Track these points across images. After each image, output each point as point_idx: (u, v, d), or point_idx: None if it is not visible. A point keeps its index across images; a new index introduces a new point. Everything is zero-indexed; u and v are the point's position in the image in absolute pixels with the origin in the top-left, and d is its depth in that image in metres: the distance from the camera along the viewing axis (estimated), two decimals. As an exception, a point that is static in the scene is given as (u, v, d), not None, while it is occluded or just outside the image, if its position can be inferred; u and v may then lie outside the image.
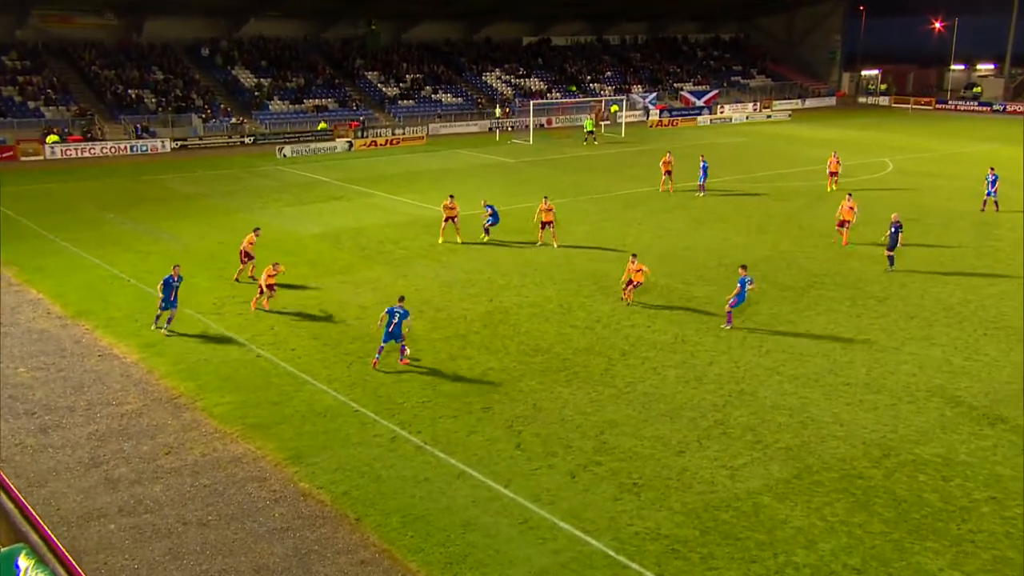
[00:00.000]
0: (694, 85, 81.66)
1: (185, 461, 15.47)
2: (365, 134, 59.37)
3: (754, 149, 55.67)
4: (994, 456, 15.50)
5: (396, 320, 19.11)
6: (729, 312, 21.89)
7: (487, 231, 30.46)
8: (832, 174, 40.81)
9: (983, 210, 35.30)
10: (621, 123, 63.75)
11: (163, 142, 54.54)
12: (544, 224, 29.52)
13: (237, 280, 25.81)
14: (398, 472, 15.07)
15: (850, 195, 31.22)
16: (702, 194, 38.22)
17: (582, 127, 61.16)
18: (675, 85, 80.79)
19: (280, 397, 18.01)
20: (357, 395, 18.08)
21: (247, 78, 64.48)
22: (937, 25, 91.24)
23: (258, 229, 27.00)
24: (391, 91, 68.45)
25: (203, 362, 19.73)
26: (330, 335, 21.50)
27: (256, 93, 62.84)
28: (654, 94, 74.50)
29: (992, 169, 36.13)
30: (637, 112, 72.37)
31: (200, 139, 56.28)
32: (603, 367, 19.51)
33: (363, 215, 35.52)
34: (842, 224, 30.11)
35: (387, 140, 58.32)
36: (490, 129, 64.87)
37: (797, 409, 17.39)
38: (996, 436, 16.23)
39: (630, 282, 23.93)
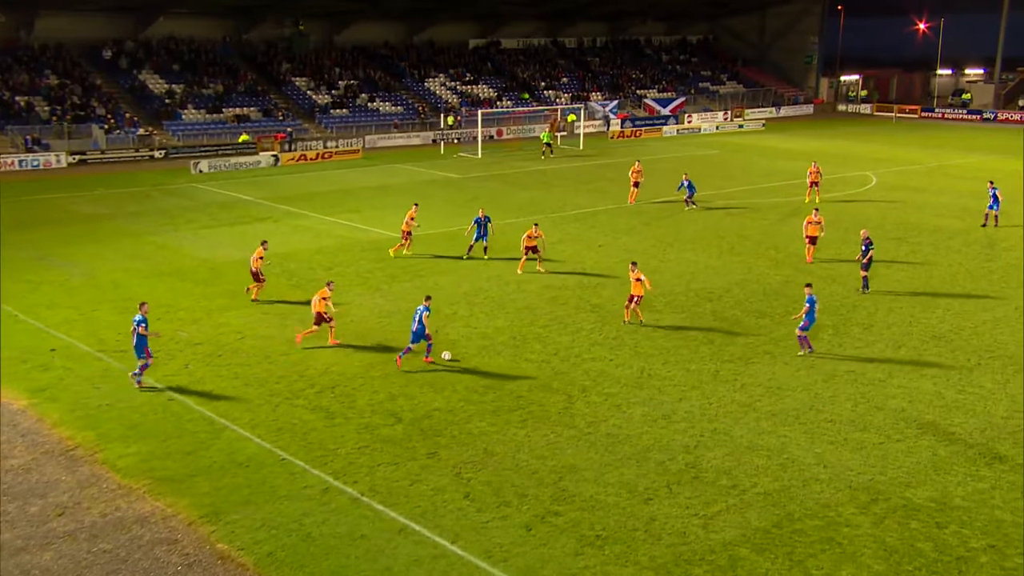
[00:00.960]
0: (659, 92, 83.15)
1: (82, 523, 15.07)
2: (293, 147, 59.15)
3: (725, 162, 56.76)
4: (992, 499, 15.88)
5: (417, 317, 21.20)
6: (803, 337, 22.36)
7: (482, 248, 31.57)
8: (813, 184, 42.04)
9: (984, 225, 36.51)
10: (579, 134, 64.57)
11: (58, 156, 53.69)
12: (528, 250, 29.57)
13: (255, 300, 26.67)
14: (331, 528, 14.90)
15: (816, 210, 31.99)
16: (692, 207, 39.82)
17: (538, 139, 61.77)
18: (638, 92, 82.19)
19: (195, 446, 17.72)
20: (284, 441, 17.86)
21: (157, 84, 63.88)
22: (922, 26, 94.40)
23: (265, 242, 27.51)
24: (322, 99, 68.39)
25: (104, 408, 19.34)
26: (253, 374, 21.25)
27: (167, 101, 62.30)
28: (615, 102, 75.68)
29: (992, 183, 37.47)
30: (596, 122, 73.38)
31: (102, 153, 55.58)
32: (561, 405, 19.59)
33: (291, 238, 35.28)
34: (812, 240, 30.95)
35: (318, 154, 58.18)
36: (434, 141, 65.17)
37: (776, 449, 17.65)
38: (994, 477, 16.64)
39: (631, 298, 24.31)
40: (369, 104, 69.36)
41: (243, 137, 59.75)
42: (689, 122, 77.43)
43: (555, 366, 21.86)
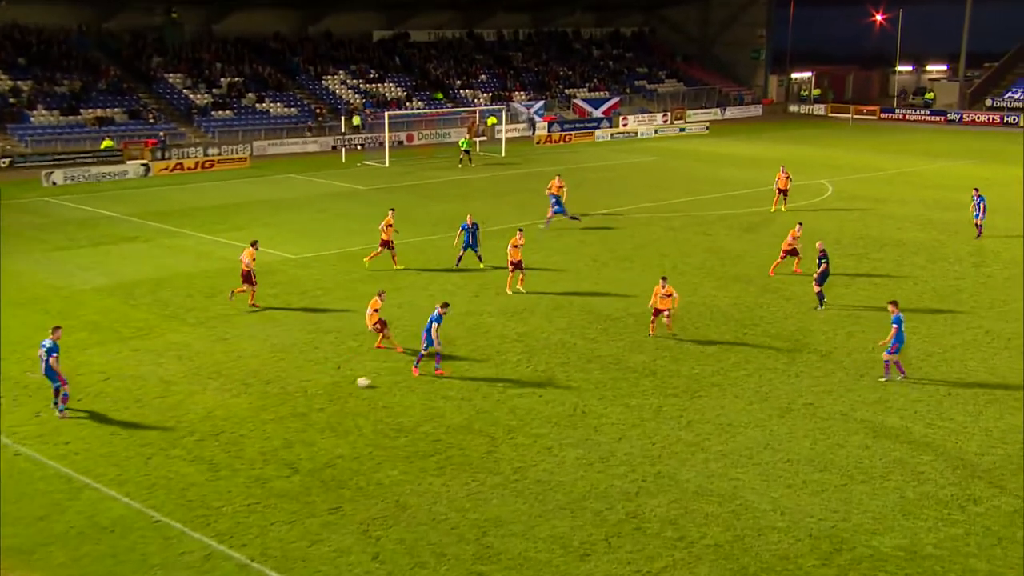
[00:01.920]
0: (590, 92, 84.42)
1: (-88, 604, 14.49)
2: (167, 155, 58.20)
3: (665, 170, 57.80)
4: (966, 547, 16.39)
5: (427, 326, 23.09)
6: (894, 363, 23.14)
7: (476, 257, 33.25)
8: (781, 191, 43.50)
9: (979, 237, 38.04)
10: (500, 139, 65.07)
11: None
12: (515, 265, 30.12)
13: (253, 305, 28.43)
14: (215, 602, 14.61)
15: (800, 224, 33.26)
16: (544, 228, 39.24)
17: (455, 145, 62.01)
18: (566, 92, 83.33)
19: (48, 509, 17.20)
20: (158, 499, 17.48)
21: None
22: (879, 18, 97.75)
23: (256, 242, 29.55)
24: (201, 99, 67.55)
25: (-61, 465, 18.64)
26: (120, 421, 20.76)
27: (12, 100, 60.78)
28: (541, 103, 76.56)
29: (977, 190, 38.99)
30: (520, 125, 74.08)
31: (-66, 162, 53.82)
32: (484, 449, 19.61)
33: (166, 261, 34.65)
34: (792, 252, 32.01)
35: (197, 163, 57.37)
36: (334, 148, 64.94)
37: (727, 495, 17.95)
38: (968, 522, 17.18)
39: (657, 311, 25.49)
40: (257, 105, 68.76)
41: (106, 143, 58.55)
42: (625, 125, 78.71)
43: (476, 404, 21.88)
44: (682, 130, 79.22)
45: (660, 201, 46.74)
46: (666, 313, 26.11)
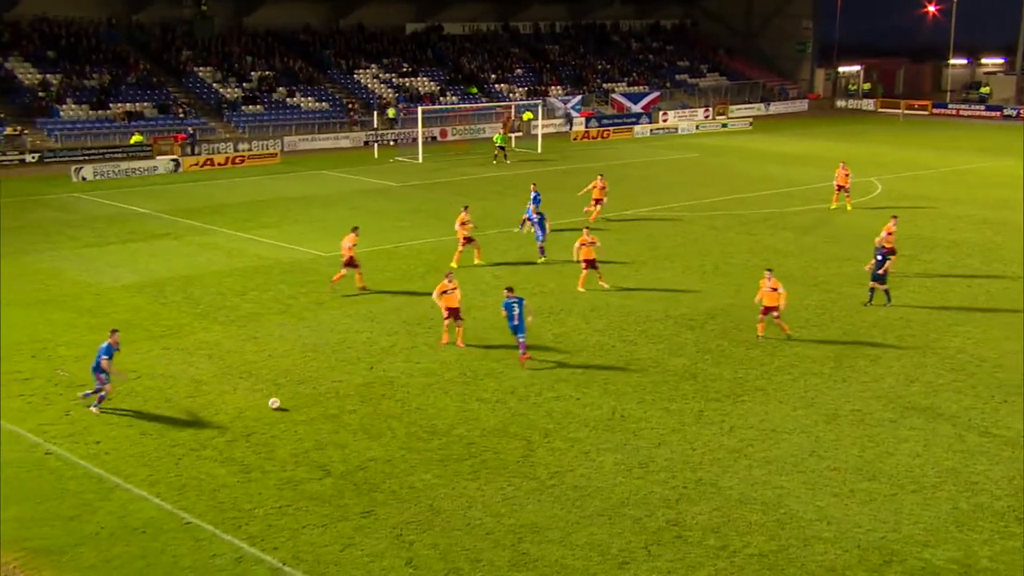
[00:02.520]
0: (629, 86, 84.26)
1: (-57, 603, 14.77)
2: (197, 150, 58.80)
3: (707, 167, 57.58)
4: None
5: (517, 311, 24.01)
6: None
7: (542, 250, 34.04)
8: (840, 188, 43.34)
9: None
10: (536, 135, 65.09)
11: (-91, 161, 52.72)
12: (587, 263, 30.48)
13: (363, 288, 30.23)
14: (247, 606, 14.78)
15: (895, 217, 33.16)
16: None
17: (489, 140, 62.12)
18: (605, 86, 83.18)
19: (79, 509, 17.45)
20: (189, 501, 17.68)
21: (27, 74, 63.16)
22: (931, 8, 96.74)
23: (356, 228, 30.92)
24: (231, 93, 68.13)
25: (-31, 464, 18.96)
26: (151, 421, 21.00)
27: (41, 94, 61.61)
28: (578, 98, 76.49)
29: None
30: (557, 121, 74.07)
31: (-38, 157, 54.72)
32: (520, 453, 19.65)
33: (196, 258, 35.00)
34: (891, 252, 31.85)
35: (227, 158, 57.89)
36: (366, 143, 65.25)
37: (772, 503, 17.88)
38: None
39: (766, 309, 25.49)
40: (288, 99, 69.24)
41: (136, 138, 59.27)
42: (664, 121, 78.47)
43: (512, 406, 21.93)
44: (724, 126, 78.85)
45: (701, 199, 46.57)
46: (775, 312, 25.79)
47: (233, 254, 35.55)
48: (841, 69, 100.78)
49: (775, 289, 25.65)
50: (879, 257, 28.87)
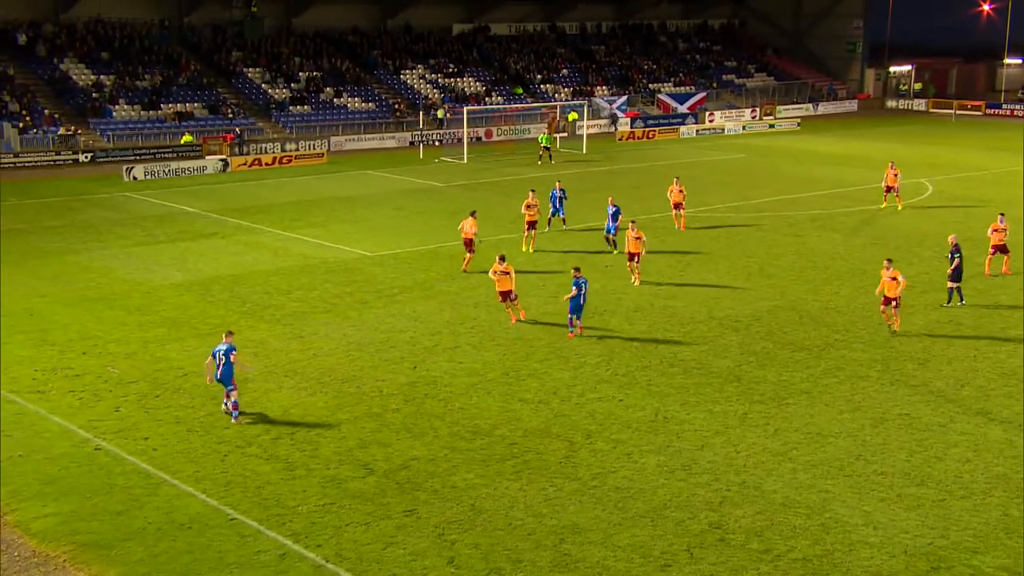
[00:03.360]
0: (675, 86, 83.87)
1: (-6, 595, 15.05)
2: (245, 150, 59.40)
3: (753, 168, 57.16)
4: (1071, 564, 15.97)
5: (584, 290, 25.90)
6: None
7: (613, 242, 35.20)
8: (889, 188, 43.18)
9: None
10: (581, 135, 65.01)
11: (-37, 160, 53.73)
12: (632, 256, 31.29)
13: (465, 271, 32.53)
14: (290, 602, 14.91)
15: (1002, 215, 33.42)
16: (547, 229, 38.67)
17: (534, 141, 62.13)
18: (650, 86, 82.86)
19: (126, 504, 17.70)
20: (235, 498, 17.87)
21: (82, 75, 64.18)
22: (985, 7, 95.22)
23: (475, 212, 33.34)
24: (279, 93, 68.77)
25: (17, 460, 19.31)
26: (197, 418, 21.27)
27: (94, 95, 62.57)
28: (623, 98, 76.28)
29: None
30: (602, 121, 73.93)
31: (15, 156, 55.70)
32: (562, 454, 19.65)
33: (243, 257, 35.37)
34: (1001, 249, 31.87)
35: (275, 158, 58.41)
36: (412, 143, 65.54)
37: (816, 507, 17.72)
38: (1073, 538, 16.73)
39: (887, 300, 26.16)
40: (335, 100, 69.75)
41: (186, 138, 60.01)
42: (711, 121, 78.02)
43: (555, 407, 21.93)
44: (772, 126, 78.24)
45: (748, 200, 46.24)
46: (894, 303, 26.15)
47: (279, 253, 35.87)
48: (892, 69, 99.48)
49: (894, 279, 25.94)
50: (953, 256, 28.82)
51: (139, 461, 19.26)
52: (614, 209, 35.39)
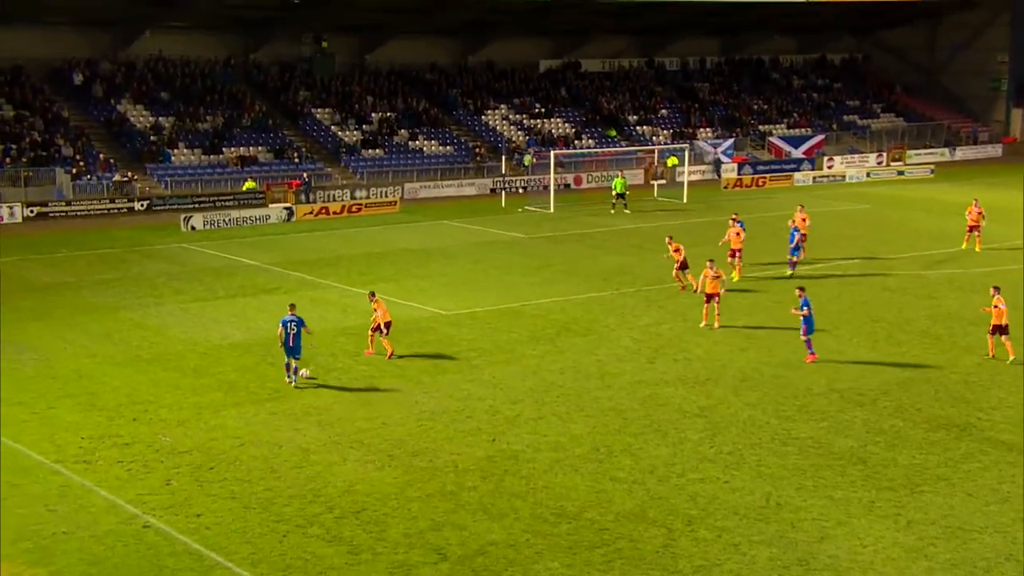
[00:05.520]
0: (788, 128, 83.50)
1: None
2: (311, 197, 60.51)
3: (880, 220, 56.42)
4: None
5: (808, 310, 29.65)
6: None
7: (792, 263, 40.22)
8: (972, 228, 43.29)
9: None
10: (682, 182, 64.88)
11: (11, 208, 55.50)
12: (709, 297, 33.05)
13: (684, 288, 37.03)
14: None
15: None
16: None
17: (634, 188, 62.10)
18: (761, 128, 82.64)
19: (176, 587, 17.86)
20: (292, 584, 17.91)
21: (139, 116, 66.17)
22: None
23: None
24: (350, 136, 70.11)
25: (61, 536, 19.62)
26: (255, 493, 21.43)
27: (152, 138, 64.34)
28: (729, 141, 76.02)
29: None
30: (705, 167, 73.76)
31: (67, 204, 57.42)
32: (660, 542, 19.37)
33: (307, 315, 35.40)
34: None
35: (343, 207, 59.38)
36: (493, 190, 66.15)
37: (956, 610, 17.16)
38: None
39: (993, 328, 29.55)
40: (410, 143, 70.85)
41: (248, 184, 61.30)
42: (830, 167, 77.35)
43: (651, 488, 21.66)
44: (901, 173, 77.21)
45: (874, 257, 45.54)
46: (1001, 330, 29.17)
47: (347, 311, 36.28)
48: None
49: (996, 306, 28.91)
50: None
51: (191, 540, 19.43)
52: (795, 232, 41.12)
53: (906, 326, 34.04)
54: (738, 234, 40.58)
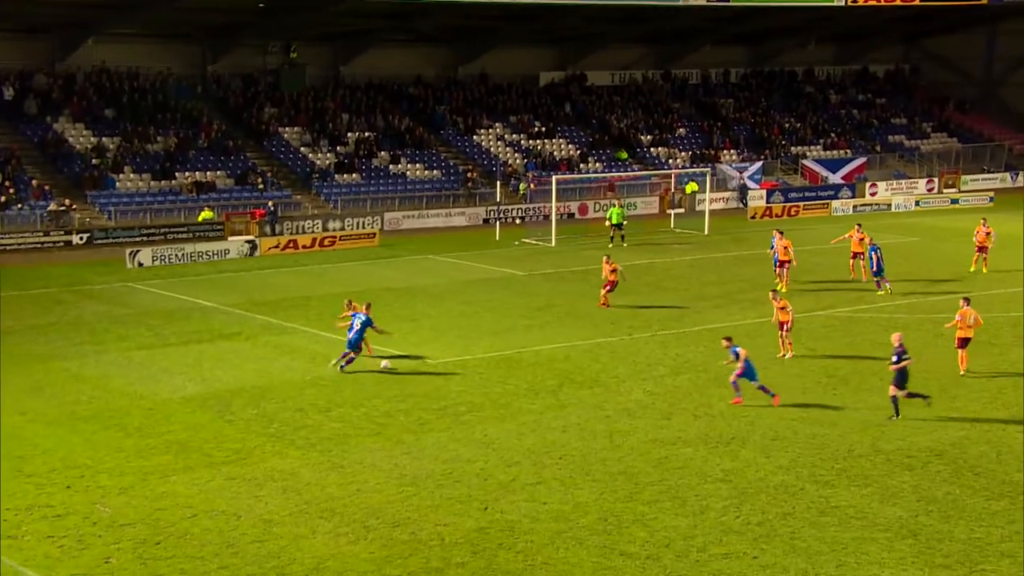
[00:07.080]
0: (825, 150, 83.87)
1: None
2: (278, 229, 60.54)
3: (931, 255, 56.57)
4: None
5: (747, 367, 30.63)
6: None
7: (879, 283, 44.42)
8: (980, 249, 44.75)
9: None
10: (703, 211, 64.96)
11: (-71, 242, 55.48)
12: (782, 325, 35.64)
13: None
14: None
15: None
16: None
17: (639, 219, 62.23)
18: (793, 150, 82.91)
19: None
20: None
21: (80, 136, 66.28)
22: None
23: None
24: (322, 159, 70.27)
25: (-16, 619, 19.46)
26: (209, 572, 21.27)
27: (95, 161, 64.35)
28: (757, 165, 76.36)
29: None
30: (729, 193, 73.97)
31: (-3, 237, 57.26)
32: (679, 630, 19.22)
33: (272, 364, 35.75)
34: None
35: (315, 239, 59.48)
36: (486, 221, 66.20)
37: None
38: None
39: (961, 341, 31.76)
40: (391, 166, 71.06)
41: (204, 214, 61.33)
42: (873, 194, 77.67)
43: (667, 565, 21.52)
44: (955, 201, 77.45)
45: (924, 297, 45.56)
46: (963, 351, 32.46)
47: (318, 359, 36.16)
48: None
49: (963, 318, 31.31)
50: None
51: (132, 626, 19.27)
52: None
53: (962, 380, 33.93)
54: (786, 247, 43.97)
